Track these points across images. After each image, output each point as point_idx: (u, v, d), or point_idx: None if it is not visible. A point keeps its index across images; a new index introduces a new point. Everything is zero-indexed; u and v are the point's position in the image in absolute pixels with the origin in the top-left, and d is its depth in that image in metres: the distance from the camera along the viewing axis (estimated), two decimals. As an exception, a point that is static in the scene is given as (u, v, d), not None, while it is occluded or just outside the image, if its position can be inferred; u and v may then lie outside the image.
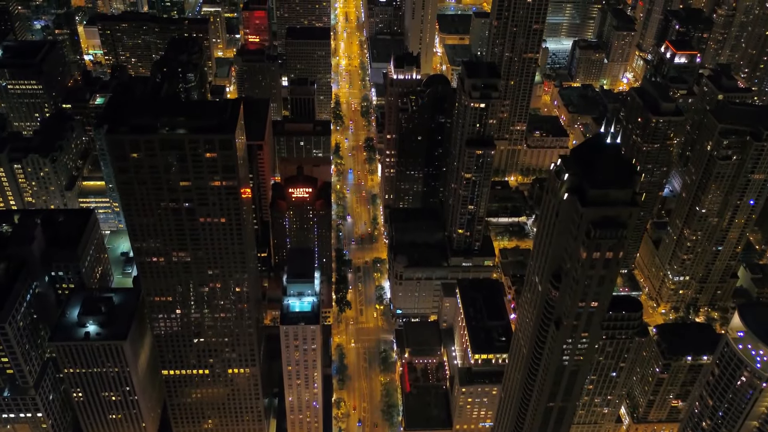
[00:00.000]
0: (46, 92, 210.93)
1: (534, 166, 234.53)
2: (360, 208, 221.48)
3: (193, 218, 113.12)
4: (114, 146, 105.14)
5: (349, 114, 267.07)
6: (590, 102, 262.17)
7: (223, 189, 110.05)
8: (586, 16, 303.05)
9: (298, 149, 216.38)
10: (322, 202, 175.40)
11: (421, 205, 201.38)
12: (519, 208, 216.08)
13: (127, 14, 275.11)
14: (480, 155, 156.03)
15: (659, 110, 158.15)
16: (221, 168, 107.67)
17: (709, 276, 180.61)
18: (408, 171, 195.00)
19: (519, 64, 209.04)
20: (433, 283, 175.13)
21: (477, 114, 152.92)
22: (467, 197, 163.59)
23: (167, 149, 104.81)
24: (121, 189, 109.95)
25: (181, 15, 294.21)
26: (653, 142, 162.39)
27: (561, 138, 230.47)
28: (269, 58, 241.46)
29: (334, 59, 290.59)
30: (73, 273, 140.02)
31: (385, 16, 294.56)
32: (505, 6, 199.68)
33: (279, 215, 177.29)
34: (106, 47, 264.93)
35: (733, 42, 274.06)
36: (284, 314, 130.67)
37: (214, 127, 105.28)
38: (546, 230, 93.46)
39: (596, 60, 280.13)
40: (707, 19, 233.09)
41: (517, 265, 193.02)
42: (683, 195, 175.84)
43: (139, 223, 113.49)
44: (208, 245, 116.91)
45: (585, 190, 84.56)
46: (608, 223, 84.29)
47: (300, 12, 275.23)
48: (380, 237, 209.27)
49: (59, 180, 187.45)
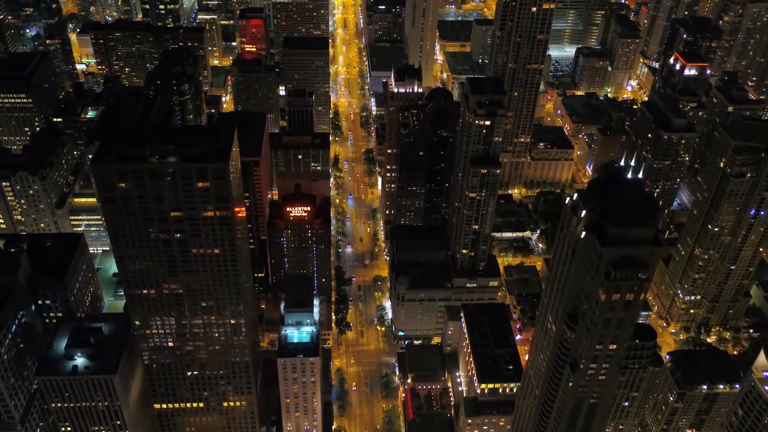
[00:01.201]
0: (35, 106, 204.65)
1: (538, 179, 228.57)
2: (360, 223, 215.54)
3: (185, 249, 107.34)
4: (100, 176, 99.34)
5: (348, 124, 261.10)
6: (594, 111, 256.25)
7: (217, 219, 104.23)
8: (590, 23, 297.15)
9: (296, 163, 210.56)
10: (321, 221, 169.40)
11: (422, 221, 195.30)
12: (523, 222, 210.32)
13: (121, 23, 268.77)
14: (485, 174, 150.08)
15: (671, 126, 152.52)
16: (214, 198, 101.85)
17: (721, 295, 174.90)
18: (409, 186, 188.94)
19: (523, 75, 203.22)
20: (436, 305, 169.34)
21: (482, 132, 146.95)
22: (471, 217, 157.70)
23: (157, 179, 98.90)
24: (109, 220, 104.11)
25: (176, 23, 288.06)
26: (664, 158, 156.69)
27: (566, 150, 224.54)
28: (266, 68, 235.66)
29: (333, 67, 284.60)
30: (60, 301, 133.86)
31: (384, 23, 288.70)
32: (509, 16, 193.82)
33: (276, 235, 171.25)
34: (99, 57, 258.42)
35: (739, 49, 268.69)
36: (282, 345, 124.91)
37: (207, 154, 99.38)
38: (561, 268, 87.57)
39: (600, 68, 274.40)
40: (715, 28, 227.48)
41: (522, 283, 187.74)
42: (694, 212, 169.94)
43: (128, 254, 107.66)
44: (201, 277, 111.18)
45: (604, 227, 78.72)
46: (629, 264, 78.50)
47: (297, 20, 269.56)
48: (381, 254, 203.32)
49: (49, 198, 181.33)
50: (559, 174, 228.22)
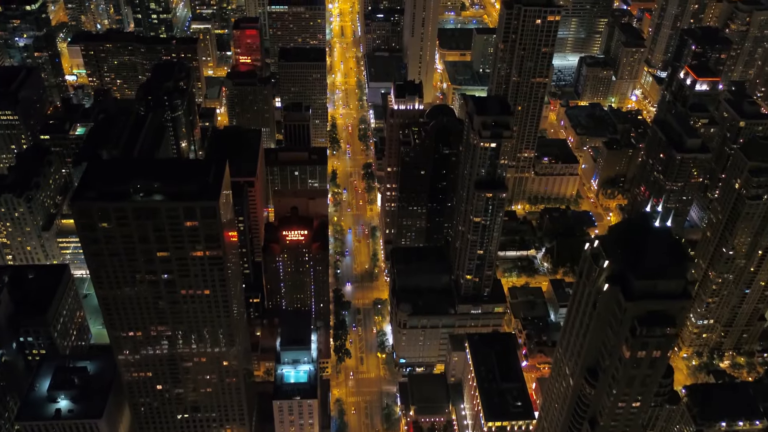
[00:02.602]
0: (22, 123, 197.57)
1: (543, 194, 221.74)
2: (359, 243, 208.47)
3: (173, 291, 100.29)
4: (80, 215, 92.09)
5: (346, 137, 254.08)
6: (599, 122, 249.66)
7: (207, 259, 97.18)
8: (593, 31, 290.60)
9: (292, 180, 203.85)
10: (319, 245, 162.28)
11: (424, 241, 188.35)
12: (528, 241, 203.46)
13: (112, 33, 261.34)
14: (490, 198, 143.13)
15: (684, 146, 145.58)
16: (204, 237, 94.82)
17: (735, 319, 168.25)
18: (410, 206, 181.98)
19: (527, 89, 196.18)
20: (439, 332, 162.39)
21: (487, 154, 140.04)
22: (476, 242, 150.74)
23: (142, 218, 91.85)
24: (90, 261, 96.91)
25: (169, 32, 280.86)
26: (677, 180, 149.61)
27: (571, 165, 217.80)
28: (261, 80, 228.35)
29: (330, 77, 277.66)
30: (43, 338, 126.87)
31: (382, 32, 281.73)
32: (512, 28, 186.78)
33: (272, 259, 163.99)
34: (89, 68, 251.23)
35: (746, 58, 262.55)
36: (278, 386, 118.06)
37: (195, 192, 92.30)
38: (580, 320, 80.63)
39: (604, 77, 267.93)
40: (724, 38, 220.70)
41: (527, 305, 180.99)
42: (708, 234, 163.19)
43: (112, 296, 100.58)
44: (191, 318, 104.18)
45: (629, 279, 71.76)
46: (656, 320, 71.74)
47: (294, 30, 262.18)
48: (381, 275, 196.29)
49: (35, 220, 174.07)
50: (564, 189, 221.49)
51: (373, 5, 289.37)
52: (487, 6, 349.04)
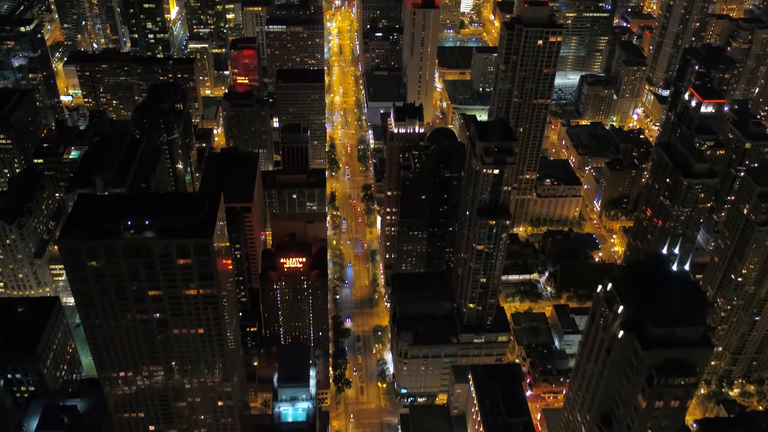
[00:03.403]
0: (15, 146, 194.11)
1: (545, 216, 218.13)
2: (359, 266, 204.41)
3: (165, 330, 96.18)
4: (68, 254, 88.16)
5: (344, 158, 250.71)
6: (600, 142, 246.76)
7: (201, 298, 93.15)
8: (593, 49, 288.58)
9: (290, 203, 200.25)
10: (318, 272, 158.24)
11: (425, 267, 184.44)
12: (531, 264, 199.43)
13: (108, 53, 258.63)
14: (493, 226, 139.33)
15: (691, 171, 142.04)
16: (197, 275, 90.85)
17: (744, 347, 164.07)
18: (411, 231, 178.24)
19: (529, 111, 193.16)
20: (441, 361, 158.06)
21: (490, 181, 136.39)
22: (479, 270, 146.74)
23: (132, 256, 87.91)
24: (78, 300, 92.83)
25: (166, 52, 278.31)
26: (684, 205, 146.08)
27: (573, 186, 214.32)
28: (258, 101, 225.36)
29: (328, 96, 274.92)
30: (32, 375, 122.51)
31: (381, 50, 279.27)
32: (513, 49, 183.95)
33: (269, 287, 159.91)
34: (85, 89, 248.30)
35: (748, 76, 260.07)
36: (275, 426, 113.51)
37: (189, 228, 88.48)
38: (592, 365, 76.60)
39: (605, 96, 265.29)
40: (728, 58, 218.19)
41: (531, 332, 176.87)
42: (716, 260, 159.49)
43: (101, 335, 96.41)
44: (184, 358, 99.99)
45: (646, 326, 67.88)
46: (675, 369, 67.92)
47: (292, 49, 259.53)
48: (381, 300, 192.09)
49: (27, 247, 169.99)
50: (566, 211, 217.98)
51: (371, 24, 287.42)
52: (486, 24, 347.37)
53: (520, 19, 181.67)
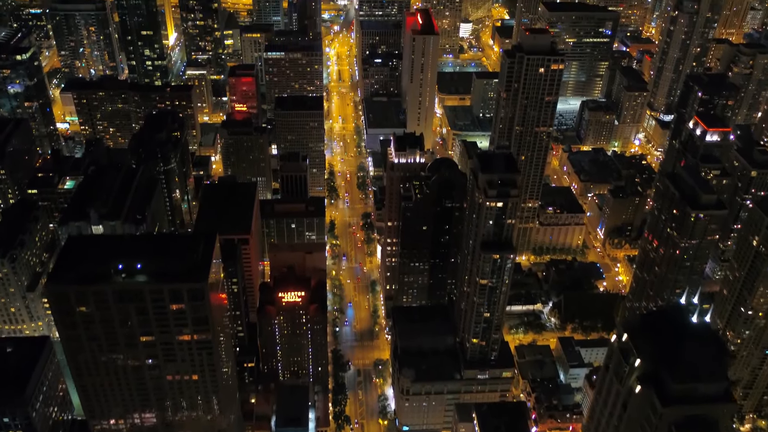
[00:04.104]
0: (9, 177, 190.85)
1: (547, 245, 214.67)
2: (358, 297, 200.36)
3: (158, 377, 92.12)
4: (56, 299, 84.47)
5: (344, 185, 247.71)
6: (602, 168, 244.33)
7: (195, 343, 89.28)
8: (593, 74, 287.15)
9: (289, 232, 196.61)
10: (317, 307, 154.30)
11: (427, 299, 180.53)
12: (534, 295, 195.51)
13: (105, 80, 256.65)
14: (497, 260, 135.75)
15: (699, 203, 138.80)
16: (191, 320, 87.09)
17: (755, 381, 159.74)
18: (412, 263, 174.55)
19: (530, 138, 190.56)
20: (444, 397, 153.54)
21: (493, 214, 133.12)
22: (482, 304, 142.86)
23: (123, 301, 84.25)
24: (67, 346, 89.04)
25: (164, 79, 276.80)
26: (692, 238, 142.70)
27: (576, 215, 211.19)
28: (257, 129, 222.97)
29: (327, 122, 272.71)
30: (20, 418, 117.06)
31: (381, 76, 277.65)
32: (515, 77, 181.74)
33: (267, 322, 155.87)
34: (81, 116, 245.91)
35: (750, 101, 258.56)
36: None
37: (182, 272, 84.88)
38: (607, 420, 72.56)
39: (607, 122, 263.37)
40: (731, 84, 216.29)
41: (536, 366, 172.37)
42: (725, 292, 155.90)
43: (90, 383, 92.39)
44: (178, 404, 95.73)
45: (664, 381, 64.01)
46: (696, 426, 64.20)
47: (290, 76, 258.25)
48: (381, 333, 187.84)
49: (20, 281, 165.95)
50: (569, 239, 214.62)
51: (370, 50, 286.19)
52: (485, 49, 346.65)
53: (521, 47, 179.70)
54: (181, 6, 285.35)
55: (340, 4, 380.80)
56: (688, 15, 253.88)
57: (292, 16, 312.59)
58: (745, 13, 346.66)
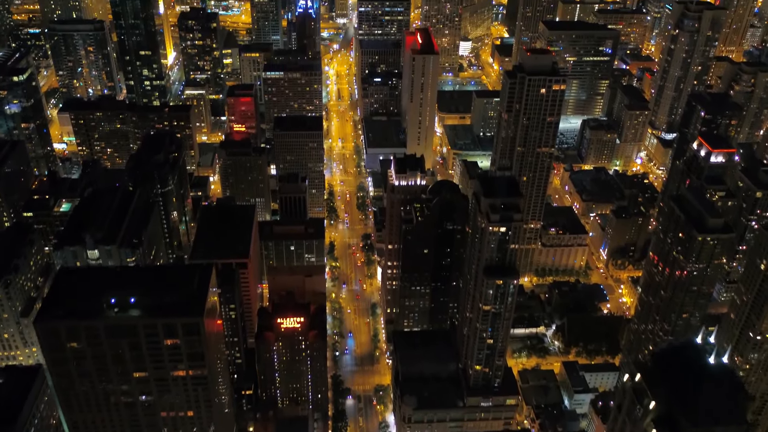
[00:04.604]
0: (4, 200, 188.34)
1: (550, 266, 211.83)
2: (358, 320, 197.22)
3: (152, 413, 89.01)
4: (46, 335, 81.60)
5: (343, 204, 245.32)
6: (604, 187, 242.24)
7: (190, 379, 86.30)
8: (594, 93, 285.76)
9: (288, 255, 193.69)
10: (316, 333, 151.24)
11: (428, 323, 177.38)
12: (537, 317, 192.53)
13: (103, 100, 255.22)
14: (501, 285, 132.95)
15: (706, 227, 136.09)
16: (186, 356, 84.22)
17: (764, 408, 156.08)
18: (413, 286, 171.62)
19: (532, 159, 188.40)
20: (447, 425, 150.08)
21: (496, 239, 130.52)
22: (485, 330, 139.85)
23: (116, 337, 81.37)
24: (57, 383, 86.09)
25: (162, 99, 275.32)
26: (698, 261, 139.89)
27: (579, 236, 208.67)
28: (256, 150, 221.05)
29: (327, 142, 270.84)
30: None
31: (380, 96, 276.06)
32: (516, 97, 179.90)
33: (266, 348, 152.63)
34: (79, 137, 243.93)
35: (752, 119, 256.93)
36: None
37: (177, 306, 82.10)
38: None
39: (608, 140, 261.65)
40: (734, 104, 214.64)
41: (539, 391, 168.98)
42: (732, 316, 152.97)
43: (82, 419, 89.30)
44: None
45: (680, 424, 61.03)
46: (714, 472, 60.62)
47: (289, 95, 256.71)
48: (382, 357, 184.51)
49: (14, 306, 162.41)
50: (572, 260, 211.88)
51: (370, 69, 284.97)
52: (485, 67, 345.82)
53: (522, 68, 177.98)
54: (180, 26, 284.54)
55: (339, 22, 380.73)
56: (688, 33, 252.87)
57: (291, 36, 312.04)
58: (744, 31, 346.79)
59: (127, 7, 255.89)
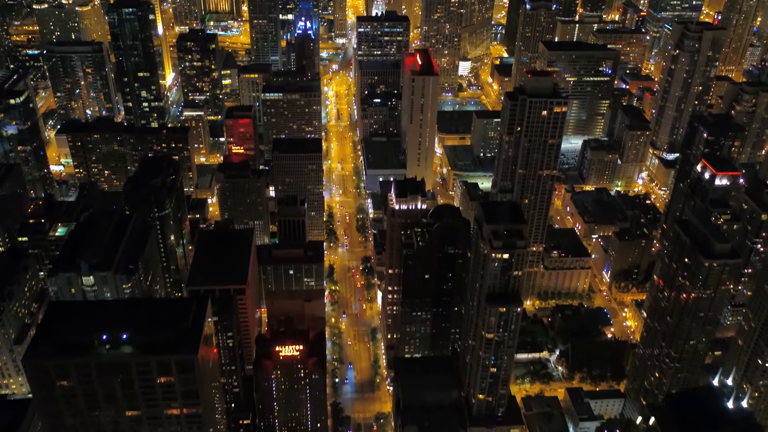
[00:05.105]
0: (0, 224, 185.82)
1: (552, 289, 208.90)
2: (358, 346, 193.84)
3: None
4: (34, 373, 78.63)
5: (343, 226, 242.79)
6: (606, 208, 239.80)
7: (184, 417, 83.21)
8: (594, 113, 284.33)
9: (287, 279, 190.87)
10: (316, 361, 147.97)
11: (429, 349, 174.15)
12: (540, 342, 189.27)
13: (101, 122, 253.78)
14: (504, 313, 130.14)
15: (712, 252, 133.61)
16: (180, 394, 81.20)
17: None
18: (414, 312, 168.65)
19: (534, 182, 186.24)
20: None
21: (499, 266, 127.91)
22: (489, 359, 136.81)
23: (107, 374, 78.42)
24: (46, 421, 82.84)
25: (160, 120, 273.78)
26: (705, 288, 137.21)
27: (581, 258, 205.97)
28: (254, 172, 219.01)
29: (326, 163, 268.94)
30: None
31: (380, 116, 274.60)
32: (517, 120, 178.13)
33: (264, 377, 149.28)
34: (76, 159, 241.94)
35: (754, 139, 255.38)
36: None
37: (171, 342, 79.26)
38: None
39: (609, 161, 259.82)
40: (737, 125, 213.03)
41: (543, 418, 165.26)
42: (740, 342, 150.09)
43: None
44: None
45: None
46: None
47: (288, 117, 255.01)
48: (383, 384, 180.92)
49: (7, 334, 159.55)
50: (575, 283, 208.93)
51: (369, 89, 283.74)
52: (484, 86, 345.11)
53: (523, 90, 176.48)
54: (179, 47, 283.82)
55: (339, 42, 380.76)
56: (689, 54, 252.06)
57: (290, 56, 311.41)
58: (744, 50, 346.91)
59: (126, 29, 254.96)
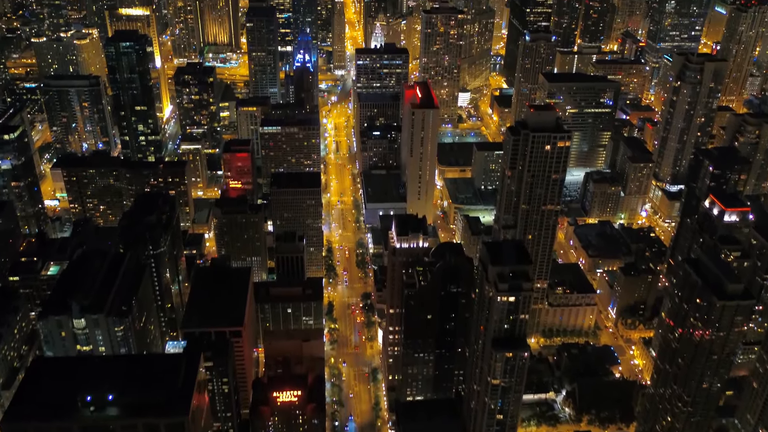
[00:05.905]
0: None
1: (557, 326, 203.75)
2: (359, 387, 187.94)
3: None
4: (14, 438, 73.68)
5: (342, 261, 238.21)
6: (610, 242, 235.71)
7: (174, 482, 77.91)
8: (596, 144, 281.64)
9: (285, 317, 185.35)
10: (314, 407, 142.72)
11: (432, 391, 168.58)
12: (546, 382, 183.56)
13: (96, 156, 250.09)
14: (510, 358, 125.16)
15: (725, 293, 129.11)
16: (170, 458, 76.06)
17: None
18: (416, 353, 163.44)
19: (537, 217, 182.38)
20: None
21: (505, 309, 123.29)
22: (494, 405, 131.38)
23: (91, 438, 73.50)
24: (27, 489, 77.48)
25: (157, 154, 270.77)
26: (719, 330, 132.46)
27: (587, 295, 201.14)
28: (252, 207, 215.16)
29: (325, 196, 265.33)
30: None
31: (379, 149, 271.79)
32: (520, 154, 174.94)
33: (261, 423, 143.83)
34: (71, 195, 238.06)
35: (758, 171, 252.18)
36: None
37: (160, 403, 74.32)
38: None
39: (612, 194, 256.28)
40: (743, 158, 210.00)
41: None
42: (754, 385, 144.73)
43: None
44: None
45: None
46: None
47: (287, 150, 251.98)
48: (384, 427, 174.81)
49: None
50: (580, 320, 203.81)
51: (369, 122, 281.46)
52: (484, 117, 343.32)
53: (525, 124, 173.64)
54: (177, 80, 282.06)
55: (337, 74, 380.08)
56: (690, 85, 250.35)
57: (289, 88, 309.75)
58: (744, 80, 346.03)
59: (123, 62, 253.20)
